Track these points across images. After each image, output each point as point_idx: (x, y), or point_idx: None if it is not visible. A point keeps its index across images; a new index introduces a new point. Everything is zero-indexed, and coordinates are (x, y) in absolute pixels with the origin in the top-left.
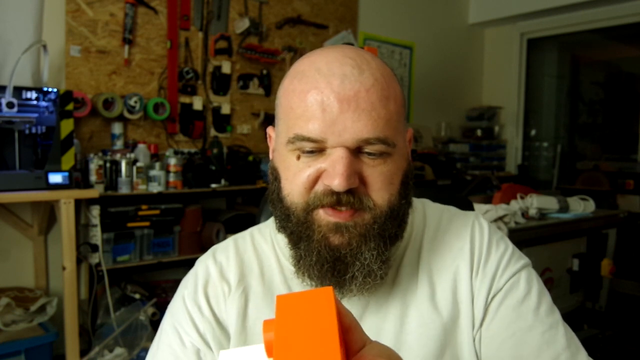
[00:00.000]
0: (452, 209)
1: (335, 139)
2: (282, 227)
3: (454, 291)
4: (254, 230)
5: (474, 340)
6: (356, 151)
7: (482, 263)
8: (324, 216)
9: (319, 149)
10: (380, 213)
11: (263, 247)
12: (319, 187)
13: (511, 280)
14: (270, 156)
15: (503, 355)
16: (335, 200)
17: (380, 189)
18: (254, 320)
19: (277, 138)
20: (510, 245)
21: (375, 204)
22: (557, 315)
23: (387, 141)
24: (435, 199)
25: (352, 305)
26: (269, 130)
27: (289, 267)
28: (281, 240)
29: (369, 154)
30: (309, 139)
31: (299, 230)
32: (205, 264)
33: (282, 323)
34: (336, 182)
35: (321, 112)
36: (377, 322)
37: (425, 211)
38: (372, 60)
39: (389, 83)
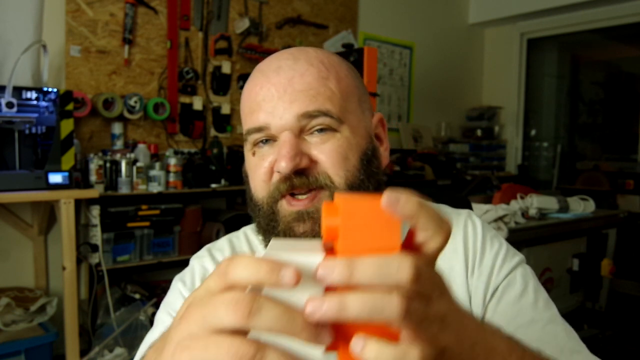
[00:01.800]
0: (444, 207)
1: (278, 122)
2: (257, 226)
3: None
4: (247, 229)
5: None
6: (302, 133)
7: (477, 262)
8: (286, 207)
9: (268, 138)
10: (340, 190)
11: (257, 246)
12: (275, 177)
13: (508, 277)
14: None
15: None
16: (290, 185)
17: (333, 165)
18: None
19: (244, 138)
20: (504, 243)
21: (332, 180)
22: (555, 309)
23: (330, 114)
24: (435, 199)
25: None
26: (245, 146)
27: None
28: None
29: (316, 132)
30: (256, 129)
31: (266, 224)
32: (201, 261)
33: (347, 210)
34: (282, 164)
35: (262, 103)
36: None
37: None
38: (314, 51)
39: (330, 67)
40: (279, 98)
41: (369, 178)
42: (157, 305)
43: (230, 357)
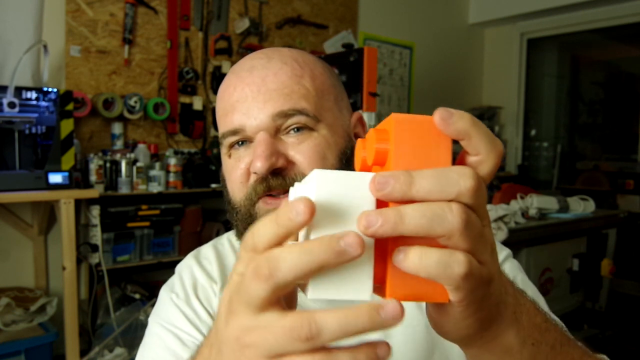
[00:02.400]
0: None
1: (253, 123)
2: (235, 230)
3: None
4: (230, 235)
5: None
6: (277, 132)
7: None
8: (263, 206)
9: (244, 140)
10: None
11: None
12: (252, 178)
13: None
14: None
15: None
16: (266, 186)
17: (310, 165)
18: None
19: (219, 140)
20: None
21: None
22: (543, 302)
23: (306, 112)
24: None
25: (324, 303)
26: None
27: None
28: None
29: (292, 131)
30: (231, 132)
31: (244, 228)
32: (189, 268)
33: (399, 131)
34: (258, 164)
35: (237, 103)
36: None
37: None
38: (288, 51)
39: (304, 65)
40: (253, 98)
41: None
42: None
43: None
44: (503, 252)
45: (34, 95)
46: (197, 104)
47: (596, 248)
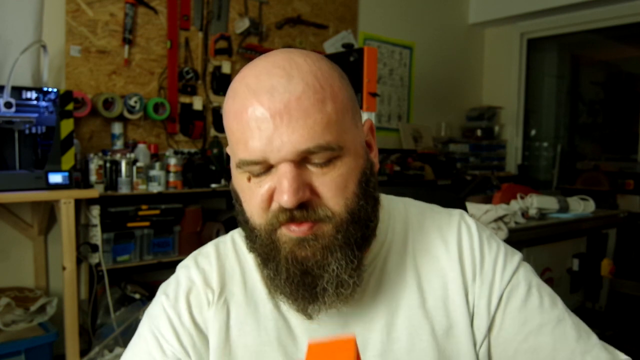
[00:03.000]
0: (436, 207)
1: (276, 155)
2: (251, 248)
3: (445, 298)
4: (234, 233)
5: (477, 355)
6: (302, 162)
7: (477, 268)
8: (286, 232)
9: (266, 169)
10: (340, 221)
11: (244, 251)
12: (274, 205)
13: (512, 281)
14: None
15: None
16: (290, 216)
17: (334, 196)
18: (237, 332)
19: (231, 157)
20: (501, 243)
21: (332, 212)
22: (560, 304)
23: (330, 146)
24: (427, 199)
25: (333, 316)
26: (227, 150)
27: None
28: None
29: (316, 163)
30: (252, 162)
31: (265, 252)
32: (187, 270)
33: None
34: (284, 198)
35: (257, 131)
36: (362, 332)
37: (407, 211)
38: (305, 62)
39: (324, 83)
40: (276, 128)
41: (367, 199)
42: None
43: None
44: (515, 259)
45: (34, 95)
46: (197, 104)
47: (596, 248)
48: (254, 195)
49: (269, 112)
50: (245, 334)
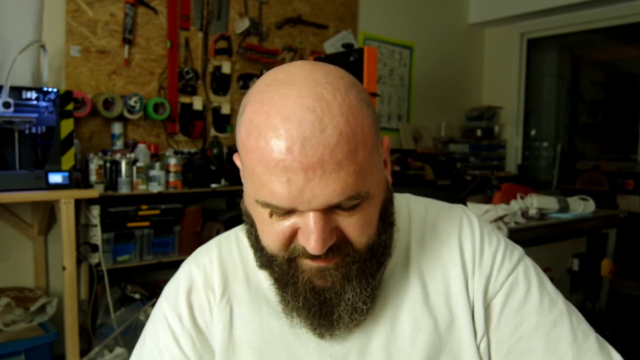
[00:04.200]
0: (437, 203)
1: (306, 206)
2: (264, 268)
3: (447, 293)
4: (238, 230)
5: (477, 347)
6: (331, 207)
7: (476, 262)
8: (307, 261)
9: (290, 211)
10: (359, 257)
11: (248, 248)
12: (297, 243)
13: (510, 278)
14: (244, 195)
15: None
16: (313, 256)
17: (358, 235)
18: (241, 330)
19: (244, 184)
20: (502, 238)
21: (354, 249)
22: (560, 302)
23: (360, 195)
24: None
25: None
26: (235, 159)
27: None
28: None
29: (344, 207)
30: (277, 208)
31: (283, 278)
32: (188, 269)
33: None
34: (312, 246)
35: (286, 183)
36: (367, 326)
37: (409, 207)
38: (335, 100)
39: (356, 126)
40: (307, 182)
41: (386, 229)
42: None
43: None
44: (515, 254)
45: (33, 95)
46: (197, 104)
47: (596, 248)
48: (274, 231)
49: (300, 165)
50: (248, 332)
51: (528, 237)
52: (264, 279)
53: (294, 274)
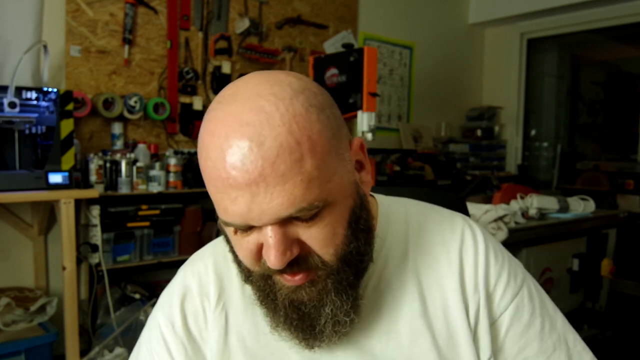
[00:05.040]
0: (438, 210)
1: (258, 222)
2: (246, 282)
3: (444, 307)
4: None
5: None
6: (286, 219)
7: (480, 278)
8: (281, 280)
9: (250, 227)
10: (331, 269)
11: None
12: (264, 261)
13: (516, 299)
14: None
15: None
16: (281, 271)
17: (323, 247)
18: (236, 336)
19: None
20: (506, 255)
21: (323, 261)
22: (559, 324)
23: (314, 205)
24: (428, 200)
25: None
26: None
27: None
28: None
29: (301, 218)
30: (234, 225)
31: (262, 294)
32: (183, 276)
33: None
34: (272, 261)
35: (234, 201)
36: (361, 339)
37: (407, 213)
38: (277, 111)
39: (301, 135)
40: (253, 198)
41: (358, 237)
42: None
43: None
44: (519, 276)
45: (34, 95)
46: (197, 104)
47: (596, 248)
48: (243, 247)
49: (243, 181)
50: (243, 338)
51: (528, 237)
52: None
53: (271, 291)
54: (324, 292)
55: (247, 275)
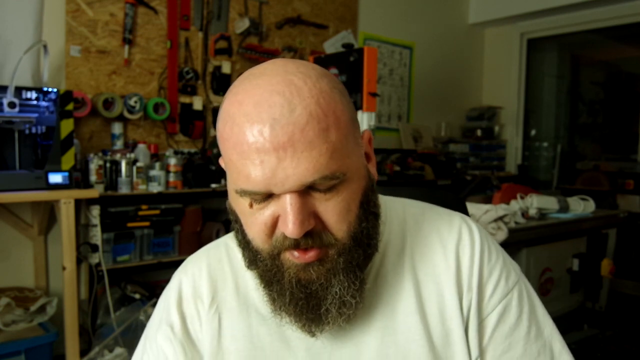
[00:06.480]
0: (436, 208)
1: (280, 188)
2: (251, 267)
3: (440, 304)
4: (227, 238)
5: None
6: (306, 189)
7: (473, 277)
8: (291, 258)
9: (269, 196)
10: (343, 246)
11: (238, 257)
12: (278, 232)
13: (504, 301)
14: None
15: None
16: (295, 243)
17: (337, 222)
18: (230, 338)
19: (228, 179)
20: (502, 255)
21: (335, 238)
22: (546, 331)
23: (335, 175)
24: (427, 199)
25: None
26: (220, 162)
27: None
28: None
29: (319, 190)
30: (254, 193)
31: (269, 275)
32: (178, 279)
33: None
34: (289, 229)
35: (259, 165)
36: (358, 335)
37: (405, 212)
38: (305, 85)
39: (327, 110)
40: (279, 162)
41: (368, 219)
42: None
43: None
44: (512, 277)
45: (34, 95)
46: (197, 104)
47: (596, 248)
48: (257, 222)
49: (271, 145)
50: (236, 340)
51: (528, 237)
52: (253, 287)
53: (279, 271)
54: (332, 273)
55: (254, 256)
